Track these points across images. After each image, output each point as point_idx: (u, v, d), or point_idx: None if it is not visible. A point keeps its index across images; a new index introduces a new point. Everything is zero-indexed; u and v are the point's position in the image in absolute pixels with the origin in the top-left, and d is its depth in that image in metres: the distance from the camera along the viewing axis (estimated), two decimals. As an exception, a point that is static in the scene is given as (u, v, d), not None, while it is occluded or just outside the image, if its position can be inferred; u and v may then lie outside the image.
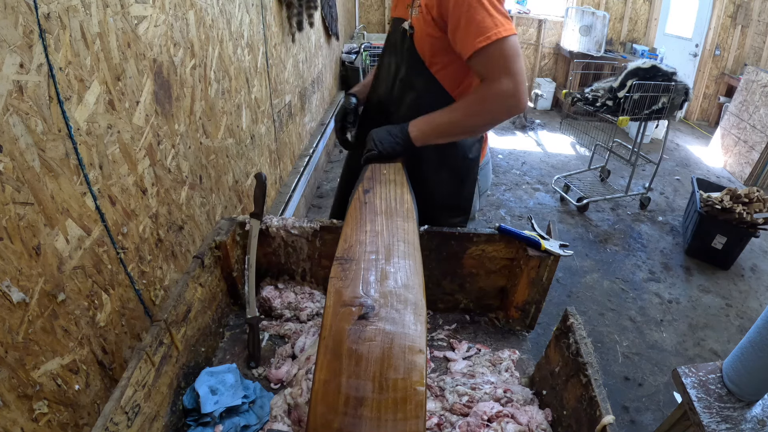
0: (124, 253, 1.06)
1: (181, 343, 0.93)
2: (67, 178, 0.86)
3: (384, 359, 0.71)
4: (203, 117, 1.45)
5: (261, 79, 2.04)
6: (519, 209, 3.47)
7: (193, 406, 0.90)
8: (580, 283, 2.69)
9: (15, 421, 0.74)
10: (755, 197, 2.70)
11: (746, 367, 1.11)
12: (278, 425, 0.91)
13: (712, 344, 2.31)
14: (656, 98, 2.96)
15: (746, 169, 4.16)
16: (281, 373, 1.03)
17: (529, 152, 4.56)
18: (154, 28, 1.13)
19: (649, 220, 3.44)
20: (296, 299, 1.23)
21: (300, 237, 1.20)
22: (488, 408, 0.92)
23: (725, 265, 2.88)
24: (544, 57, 6.04)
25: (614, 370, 2.11)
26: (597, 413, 0.78)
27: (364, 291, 0.81)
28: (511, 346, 1.18)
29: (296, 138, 2.83)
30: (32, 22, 0.76)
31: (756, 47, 4.99)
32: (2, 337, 0.72)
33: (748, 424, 1.08)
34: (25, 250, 0.77)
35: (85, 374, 0.92)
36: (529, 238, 1.13)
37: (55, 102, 0.82)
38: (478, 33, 0.96)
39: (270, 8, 2.12)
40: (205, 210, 1.51)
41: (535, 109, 5.83)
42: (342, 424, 0.66)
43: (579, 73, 5.00)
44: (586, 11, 5.19)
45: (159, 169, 1.20)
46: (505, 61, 0.98)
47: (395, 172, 1.13)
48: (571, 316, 0.94)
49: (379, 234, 0.94)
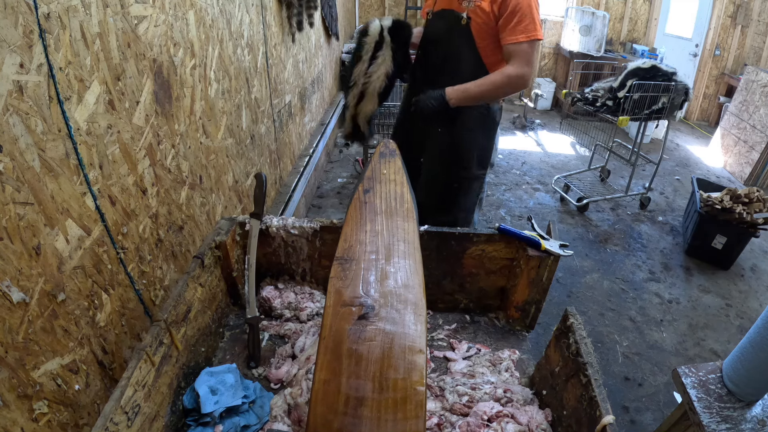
0: (124, 253, 1.06)
1: (181, 343, 0.93)
2: (67, 178, 0.86)
3: (384, 359, 0.71)
4: (203, 117, 1.45)
5: (261, 79, 2.04)
6: (519, 209, 3.47)
7: (193, 406, 0.90)
8: (580, 283, 2.69)
9: (15, 421, 0.74)
10: (755, 197, 2.70)
11: (746, 367, 1.11)
12: (278, 425, 0.91)
13: (712, 344, 2.31)
14: (656, 98, 2.96)
15: (746, 169, 4.16)
16: (281, 373, 1.03)
17: (529, 152, 4.56)
18: (154, 28, 1.13)
19: (649, 220, 3.44)
20: (296, 299, 1.23)
21: (300, 237, 1.20)
22: (488, 408, 0.92)
23: (725, 265, 2.88)
24: (544, 57, 6.03)
25: (614, 370, 2.11)
26: (597, 413, 0.78)
27: (364, 291, 0.81)
28: (511, 346, 1.18)
29: (296, 138, 2.83)
30: (32, 22, 0.76)
31: (756, 47, 4.99)
32: (2, 337, 0.72)
33: (748, 424, 1.08)
34: (25, 250, 0.76)
35: (85, 374, 0.92)
36: (529, 238, 1.13)
37: (55, 102, 0.82)
38: (524, 30, 1.40)
39: (270, 8, 2.12)
40: (205, 210, 1.51)
41: (535, 109, 5.83)
42: (342, 424, 0.66)
43: (579, 73, 5.00)
44: (586, 11, 5.19)
45: (159, 169, 1.20)
46: (529, 56, 1.44)
47: (395, 172, 1.13)
48: (571, 316, 0.94)
49: (379, 234, 0.94)
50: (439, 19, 1.56)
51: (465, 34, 1.49)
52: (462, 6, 1.48)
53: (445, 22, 1.54)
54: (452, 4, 1.51)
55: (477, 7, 1.45)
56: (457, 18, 1.49)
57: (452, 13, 1.51)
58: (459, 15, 1.48)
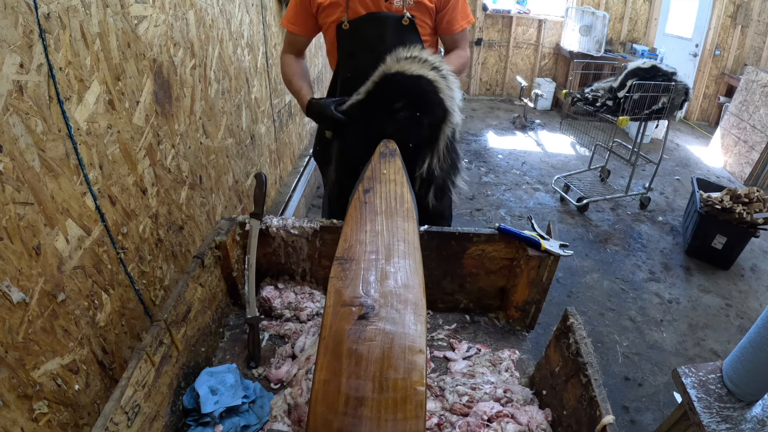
0: (124, 253, 1.06)
1: (181, 343, 0.93)
2: (67, 178, 0.86)
3: (384, 359, 0.71)
4: (203, 117, 1.45)
5: (261, 79, 2.04)
6: (519, 209, 3.47)
7: (193, 406, 0.90)
8: (580, 283, 2.69)
9: (15, 421, 0.74)
10: (755, 197, 2.70)
11: (746, 367, 1.11)
12: (278, 425, 0.91)
13: (712, 344, 2.31)
14: (656, 98, 2.96)
15: (746, 169, 4.16)
16: (281, 373, 1.03)
17: (529, 152, 4.56)
18: (154, 28, 1.13)
19: (649, 220, 3.44)
20: (296, 299, 1.23)
21: (300, 237, 1.20)
22: (488, 408, 0.92)
23: (725, 265, 2.88)
24: (544, 57, 6.03)
25: (614, 370, 2.11)
26: (597, 413, 0.78)
27: (364, 291, 0.81)
28: (511, 346, 1.18)
29: (296, 138, 2.83)
30: (32, 22, 0.76)
31: (756, 47, 4.99)
32: (2, 337, 0.72)
33: (748, 424, 1.08)
34: (25, 250, 0.76)
35: (85, 374, 0.92)
36: (529, 238, 1.13)
37: (55, 102, 0.82)
38: (465, 16, 1.48)
39: (270, 8, 2.12)
40: (205, 210, 1.51)
41: (535, 109, 5.83)
42: (342, 424, 0.66)
43: (579, 73, 5.00)
44: (586, 11, 5.19)
45: (159, 169, 1.20)
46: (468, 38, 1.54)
47: (395, 172, 1.13)
48: (571, 316, 0.94)
49: (379, 234, 0.94)
50: (371, 24, 1.42)
51: (411, 33, 1.43)
52: (393, 7, 1.39)
53: (379, 25, 1.41)
54: (379, 7, 1.39)
55: (418, 4, 1.40)
56: (397, 19, 1.40)
57: (386, 15, 1.40)
58: (397, 16, 1.40)
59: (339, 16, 1.41)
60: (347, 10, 1.39)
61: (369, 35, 1.43)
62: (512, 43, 5.91)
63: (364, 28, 1.42)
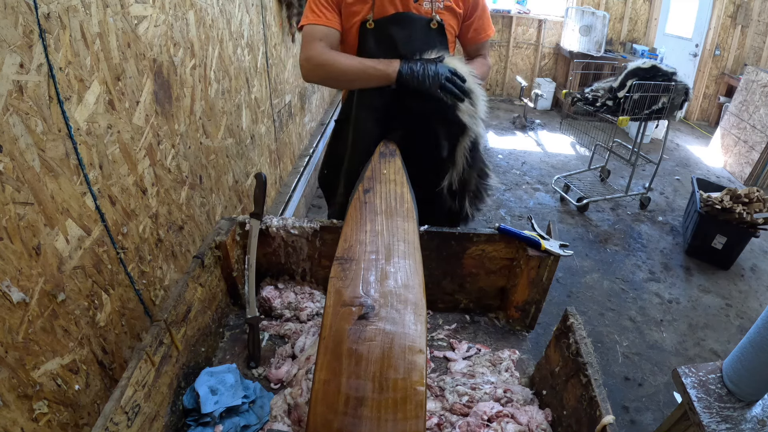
0: (124, 253, 1.06)
1: (181, 343, 0.93)
2: (67, 178, 0.86)
3: (384, 359, 0.71)
4: (203, 117, 1.45)
5: (261, 79, 2.04)
6: (519, 209, 3.47)
7: (193, 406, 0.90)
8: (580, 283, 2.69)
9: (15, 421, 0.74)
10: (755, 197, 2.70)
11: (746, 367, 1.11)
12: (278, 425, 0.91)
13: (712, 344, 2.31)
14: (656, 98, 2.96)
15: (746, 169, 4.16)
16: (281, 373, 1.03)
17: (529, 152, 4.56)
18: (154, 28, 1.13)
19: (649, 220, 3.44)
20: (296, 299, 1.23)
21: (300, 237, 1.20)
22: (488, 408, 0.92)
23: (725, 265, 2.88)
24: (544, 57, 6.04)
25: (614, 370, 2.11)
26: (597, 413, 0.78)
27: (364, 291, 0.81)
28: (511, 346, 1.18)
29: (296, 138, 2.83)
30: (32, 22, 0.76)
31: (756, 47, 4.99)
32: (2, 337, 0.72)
33: (748, 424, 1.08)
34: (25, 250, 0.76)
35: (85, 374, 0.92)
36: (529, 238, 1.13)
37: (55, 102, 0.82)
38: (489, 26, 1.49)
39: (270, 8, 2.12)
40: (205, 210, 1.51)
41: (535, 109, 5.83)
42: (342, 424, 0.66)
43: (579, 73, 5.00)
44: (586, 11, 5.19)
45: (159, 169, 1.20)
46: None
47: (395, 172, 1.13)
48: (571, 316, 0.94)
49: (379, 234, 0.94)
50: (398, 24, 1.38)
51: (439, 38, 1.40)
52: (422, 8, 1.36)
53: (407, 26, 1.37)
54: (408, 7, 1.35)
55: (448, 8, 1.38)
56: (425, 22, 1.36)
57: (415, 16, 1.36)
58: (425, 18, 1.36)
59: (365, 14, 1.35)
60: (373, 8, 1.34)
61: (395, 35, 1.37)
62: (512, 43, 5.91)
63: (390, 28, 1.36)
